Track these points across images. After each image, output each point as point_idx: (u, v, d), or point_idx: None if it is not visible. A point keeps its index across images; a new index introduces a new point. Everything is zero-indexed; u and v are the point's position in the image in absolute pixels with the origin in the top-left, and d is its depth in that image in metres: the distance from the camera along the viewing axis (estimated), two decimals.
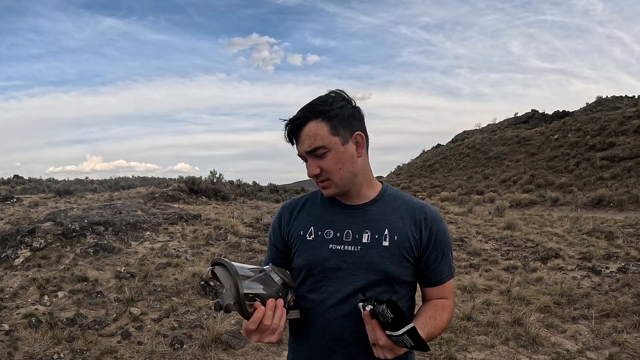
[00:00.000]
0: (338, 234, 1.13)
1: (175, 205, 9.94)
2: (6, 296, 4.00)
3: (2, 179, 22.73)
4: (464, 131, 57.72)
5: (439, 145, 53.78)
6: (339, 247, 1.11)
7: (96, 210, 7.12)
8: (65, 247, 5.16)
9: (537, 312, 4.18)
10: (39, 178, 24.44)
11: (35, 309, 3.78)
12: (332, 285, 1.11)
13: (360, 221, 1.13)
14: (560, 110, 50.18)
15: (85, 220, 5.79)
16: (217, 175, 14.74)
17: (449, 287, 1.17)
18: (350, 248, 1.11)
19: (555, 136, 31.38)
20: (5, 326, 3.45)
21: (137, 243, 5.67)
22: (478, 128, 55.91)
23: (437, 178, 34.43)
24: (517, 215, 11.25)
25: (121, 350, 3.29)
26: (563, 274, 5.55)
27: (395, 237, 1.10)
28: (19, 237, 5.11)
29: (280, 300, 1.01)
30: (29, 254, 4.88)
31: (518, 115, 54.21)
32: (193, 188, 12.60)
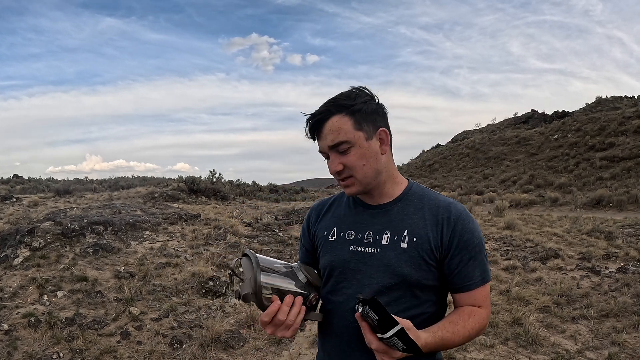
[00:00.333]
0: (359, 235, 1.11)
1: (175, 205, 9.94)
2: (5, 296, 4.00)
3: (2, 178, 22.70)
4: (464, 131, 57.71)
5: (438, 145, 53.78)
6: (359, 249, 1.10)
7: (96, 210, 7.12)
8: (65, 247, 5.15)
9: (537, 312, 4.18)
10: (38, 178, 24.40)
11: (35, 308, 3.78)
12: (351, 287, 1.09)
13: (381, 222, 1.11)
14: (560, 111, 50.19)
15: (85, 220, 5.78)
16: (217, 175, 14.74)
17: (481, 294, 1.07)
18: (369, 250, 1.09)
19: (555, 136, 31.39)
20: (5, 326, 3.45)
21: (137, 243, 5.67)
22: (478, 128, 55.90)
23: (437, 178, 34.42)
24: (517, 215, 11.25)
25: (120, 350, 3.29)
26: (562, 274, 5.55)
27: (414, 239, 1.05)
28: (18, 237, 5.11)
29: (299, 298, 1.01)
30: (28, 253, 4.88)
31: (518, 115, 54.22)
32: (192, 188, 12.60)
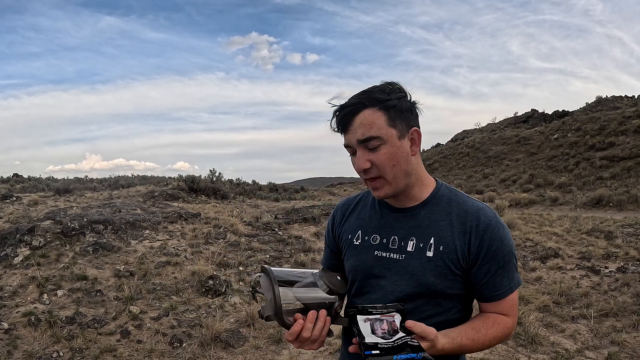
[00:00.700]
0: (384, 240, 1.07)
1: (175, 203, 9.94)
2: (5, 295, 4.00)
3: (2, 177, 22.69)
4: (464, 130, 57.69)
5: (438, 144, 53.76)
6: (384, 254, 1.06)
7: (95, 208, 7.11)
8: (65, 246, 5.15)
9: (536, 312, 4.18)
10: (38, 177, 24.37)
11: (35, 307, 3.78)
12: (375, 293, 1.05)
13: (407, 227, 1.05)
14: (560, 110, 50.17)
15: (85, 219, 5.78)
16: (217, 174, 14.74)
17: (508, 304, 1.03)
18: (394, 256, 1.04)
19: (555, 136, 31.37)
20: (5, 325, 3.45)
21: (137, 242, 5.67)
22: (478, 127, 55.90)
23: (437, 177, 34.41)
24: (517, 215, 11.24)
25: (120, 348, 3.29)
26: (562, 273, 5.55)
27: (441, 247, 1.00)
28: (18, 236, 5.11)
29: (322, 312, 0.98)
30: (28, 252, 4.88)
31: (518, 114, 54.20)
32: (192, 187, 12.60)
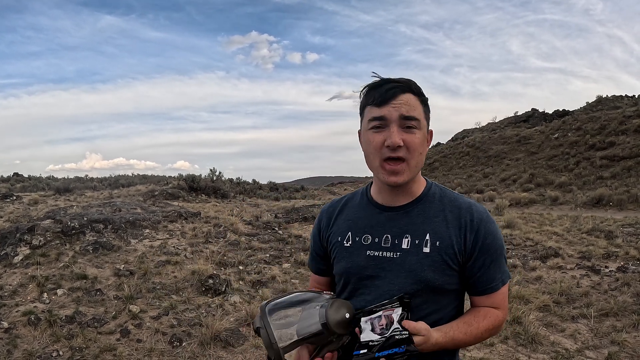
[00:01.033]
0: (376, 239, 1.05)
1: (175, 203, 9.93)
2: (5, 294, 4.00)
3: (2, 176, 22.68)
4: (464, 130, 57.64)
5: (438, 143, 53.72)
6: (377, 254, 1.04)
7: (96, 208, 7.11)
8: (65, 245, 5.15)
9: (537, 311, 4.18)
10: (38, 176, 24.34)
11: (35, 306, 3.78)
12: (371, 294, 1.04)
13: (400, 224, 1.05)
14: (560, 109, 50.11)
15: (85, 218, 5.78)
16: (217, 173, 14.73)
17: (500, 297, 1.05)
18: (388, 255, 1.03)
19: (555, 135, 31.35)
20: (5, 324, 3.45)
21: (137, 241, 5.67)
22: (478, 127, 55.85)
23: (437, 177, 34.40)
24: (517, 214, 11.24)
25: (120, 347, 3.29)
26: (562, 273, 5.55)
27: (437, 243, 1.01)
28: (18, 235, 5.11)
29: (327, 355, 0.96)
30: (28, 251, 4.87)
31: (518, 114, 54.15)
32: (193, 186, 12.60)
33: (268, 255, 5.94)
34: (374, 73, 1.02)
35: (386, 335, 0.89)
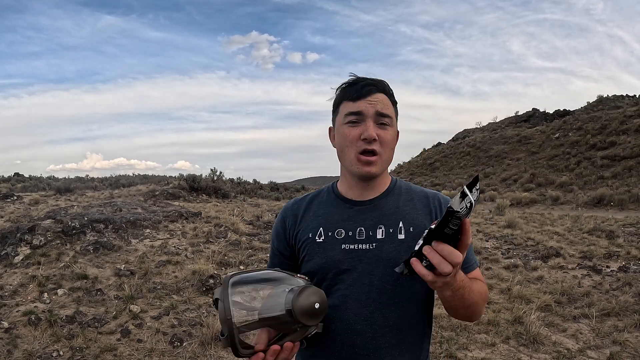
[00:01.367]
0: (350, 233, 1.05)
1: (176, 203, 9.93)
2: (6, 294, 4.00)
3: (3, 176, 22.70)
4: (465, 130, 57.62)
5: (439, 143, 53.71)
6: (352, 247, 1.04)
7: (96, 208, 7.11)
8: (65, 245, 5.15)
9: (538, 311, 4.17)
10: (39, 176, 24.36)
11: (35, 306, 3.78)
12: (348, 288, 1.03)
13: (373, 216, 1.07)
14: (561, 109, 50.07)
15: (86, 218, 5.78)
16: (218, 173, 14.72)
17: (479, 274, 1.07)
18: (364, 246, 1.04)
19: (556, 135, 31.32)
20: (5, 324, 3.45)
21: (137, 241, 5.66)
22: (479, 126, 55.82)
23: (438, 176, 34.38)
24: (518, 214, 11.23)
25: (121, 348, 3.28)
26: (564, 272, 5.54)
27: (411, 229, 1.04)
28: (19, 235, 5.11)
29: (287, 345, 0.88)
30: (28, 251, 4.87)
31: (519, 114, 54.11)
32: (193, 186, 12.60)
33: (268, 254, 5.93)
34: (351, 73, 1.09)
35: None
